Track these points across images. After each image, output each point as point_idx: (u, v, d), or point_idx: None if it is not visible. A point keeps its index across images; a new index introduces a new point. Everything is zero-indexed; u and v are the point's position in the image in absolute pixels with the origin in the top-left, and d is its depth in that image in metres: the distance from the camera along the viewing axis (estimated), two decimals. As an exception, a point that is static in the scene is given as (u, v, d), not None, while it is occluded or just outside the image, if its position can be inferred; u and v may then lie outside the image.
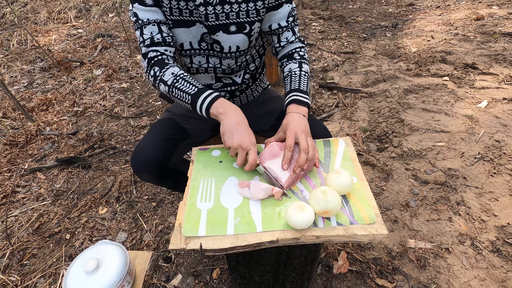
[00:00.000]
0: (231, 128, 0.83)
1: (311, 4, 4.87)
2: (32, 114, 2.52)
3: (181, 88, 0.89)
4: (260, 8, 0.96)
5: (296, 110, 0.94)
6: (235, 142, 0.82)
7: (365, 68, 2.87)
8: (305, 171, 0.86)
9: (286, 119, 0.93)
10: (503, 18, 3.50)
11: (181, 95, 0.89)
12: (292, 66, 1.05)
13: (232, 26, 0.96)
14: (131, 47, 3.59)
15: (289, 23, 1.03)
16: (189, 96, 0.88)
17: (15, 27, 4.23)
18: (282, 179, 0.82)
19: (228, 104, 0.87)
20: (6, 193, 1.80)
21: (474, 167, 1.70)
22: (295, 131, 0.87)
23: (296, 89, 0.99)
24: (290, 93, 0.99)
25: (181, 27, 0.96)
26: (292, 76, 1.02)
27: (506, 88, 2.28)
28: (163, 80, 0.91)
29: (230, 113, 0.85)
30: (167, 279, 1.32)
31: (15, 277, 1.37)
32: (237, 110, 0.87)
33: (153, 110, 2.52)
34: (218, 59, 1.04)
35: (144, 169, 0.99)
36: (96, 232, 1.56)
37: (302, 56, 1.07)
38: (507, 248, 1.31)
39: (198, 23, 0.96)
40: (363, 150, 1.95)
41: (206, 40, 0.99)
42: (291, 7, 1.02)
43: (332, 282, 1.26)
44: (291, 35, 1.05)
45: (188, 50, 1.01)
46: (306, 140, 0.85)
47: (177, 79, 0.90)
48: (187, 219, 0.77)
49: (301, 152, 0.83)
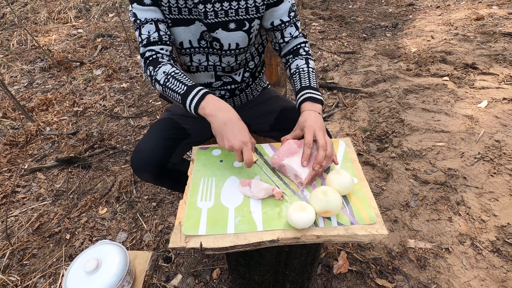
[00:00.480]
0: (220, 130, 0.82)
1: (311, 4, 4.87)
2: (32, 114, 2.52)
3: (172, 88, 0.87)
4: (259, 5, 0.96)
5: (312, 108, 0.94)
6: (226, 145, 0.81)
7: (365, 68, 2.87)
8: (323, 168, 0.86)
9: (303, 117, 0.93)
10: (503, 18, 3.50)
11: (172, 94, 0.87)
12: (299, 63, 1.04)
13: (232, 24, 0.96)
14: (131, 47, 3.59)
15: (291, 18, 1.02)
16: (179, 96, 0.85)
17: (15, 27, 4.23)
18: (302, 176, 0.82)
19: (215, 103, 0.83)
20: (6, 193, 1.80)
21: (474, 167, 1.70)
22: (313, 129, 0.87)
23: (308, 86, 0.99)
24: (303, 91, 0.98)
25: (180, 26, 0.96)
26: (301, 73, 1.02)
27: (506, 88, 2.28)
28: (156, 80, 0.90)
29: (218, 114, 0.82)
30: (167, 279, 1.32)
31: (15, 277, 1.37)
32: (225, 108, 0.84)
33: (153, 110, 2.52)
34: (218, 57, 1.04)
35: (144, 169, 0.99)
36: (96, 232, 1.56)
37: (307, 52, 1.06)
38: (507, 248, 1.31)
39: (197, 21, 0.95)
40: (363, 150, 1.95)
41: (206, 38, 0.99)
42: (291, 3, 1.02)
43: (332, 282, 1.26)
44: (295, 30, 1.05)
45: (188, 49, 1.01)
46: (324, 137, 0.86)
47: (168, 78, 0.87)
48: (187, 218, 0.77)
49: (320, 149, 0.84)
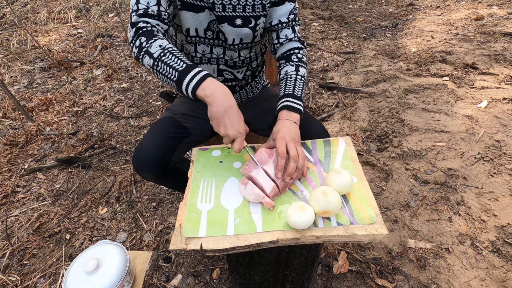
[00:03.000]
0: (218, 116, 0.79)
1: (311, 4, 4.87)
2: (32, 114, 2.52)
3: (168, 63, 0.80)
4: (266, 3, 0.97)
5: (287, 117, 0.92)
6: (222, 131, 0.80)
7: (365, 68, 2.87)
8: (293, 179, 0.85)
9: (276, 127, 0.91)
10: (503, 18, 3.50)
11: (167, 70, 0.81)
12: (288, 69, 1.02)
13: (238, 20, 0.97)
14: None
15: (290, 20, 1.02)
16: (176, 72, 0.80)
17: (15, 27, 4.23)
18: (267, 190, 0.80)
19: (217, 86, 0.80)
20: (6, 193, 1.80)
21: (474, 167, 1.70)
22: (285, 140, 0.85)
23: (290, 94, 0.96)
24: (282, 98, 0.97)
25: (189, 11, 0.94)
26: (288, 80, 1.00)
27: (506, 88, 2.28)
28: (148, 52, 0.82)
29: (219, 98, 0.78)
30: (167, 279, 1.32)
31: (15, 277, 1.37)
32: (226, 94, 0.80)
33: (153, 110, 2.52)
34: (222, 49, 1.04)
35: (146, 167, 0.99)
36: (96, 232, 1.56)
37: (300, 59, 1.04)
38: (507, 248, 1.31)
39: (207, 9, 0.95)
40: (363, 150, 1.95)
41: (212, 29, 0.99)
42: (293, 6, 1.02)
43: (332, 282, 1.26)
44: (291, 32, 1.04)
45: (194, 37, 1.00)
46: (295, 148, 0.84)
47: (165, 53, 0.81)
48: (187, 220, 0.77)
49: (291, 160, 0.82)
